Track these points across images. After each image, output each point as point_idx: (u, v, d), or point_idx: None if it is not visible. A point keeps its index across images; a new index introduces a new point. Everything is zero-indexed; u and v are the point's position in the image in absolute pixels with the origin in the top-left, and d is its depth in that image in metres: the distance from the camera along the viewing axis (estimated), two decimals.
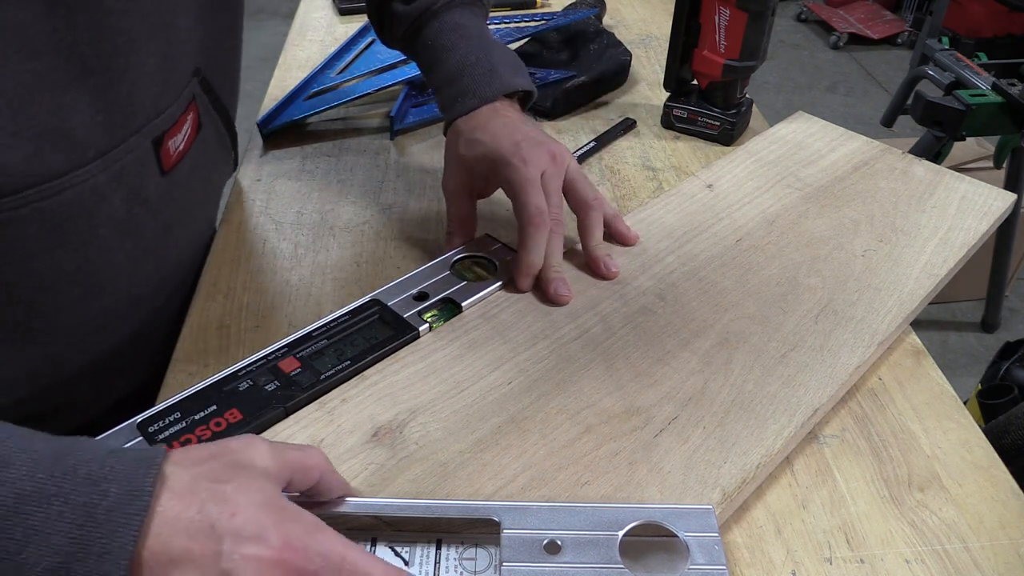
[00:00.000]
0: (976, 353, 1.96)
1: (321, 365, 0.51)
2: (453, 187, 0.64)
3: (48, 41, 0.43)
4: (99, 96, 0.47)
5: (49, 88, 0.44)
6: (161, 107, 0.52)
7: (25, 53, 0.42)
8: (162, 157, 0.54)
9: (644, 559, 0.42)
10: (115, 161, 0.50)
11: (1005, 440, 0.83)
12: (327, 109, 0.84)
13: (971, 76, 1.60)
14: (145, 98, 0.50)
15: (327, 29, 1.07)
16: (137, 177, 0.52)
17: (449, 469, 0.45)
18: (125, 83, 0.48)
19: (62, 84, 0.45)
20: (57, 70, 0.44)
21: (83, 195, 0.48)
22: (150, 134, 0.52)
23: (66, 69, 0.44)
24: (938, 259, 0.63)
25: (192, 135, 0.57)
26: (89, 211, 0.49)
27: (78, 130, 0.47)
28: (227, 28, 0.60)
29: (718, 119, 0.83)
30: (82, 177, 0.48)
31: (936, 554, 0.45)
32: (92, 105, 0.47)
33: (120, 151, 0.50)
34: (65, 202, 0.47)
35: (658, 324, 0.56)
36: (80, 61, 0.45)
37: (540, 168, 0.59)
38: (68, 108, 0.45)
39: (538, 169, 0.59)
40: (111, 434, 0.46)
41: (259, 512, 0.34)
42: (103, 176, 0.49)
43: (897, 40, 3.59)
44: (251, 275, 0.64)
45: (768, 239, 0.65)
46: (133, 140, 0.50)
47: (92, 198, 0.49)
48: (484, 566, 0.42)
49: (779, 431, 0.48)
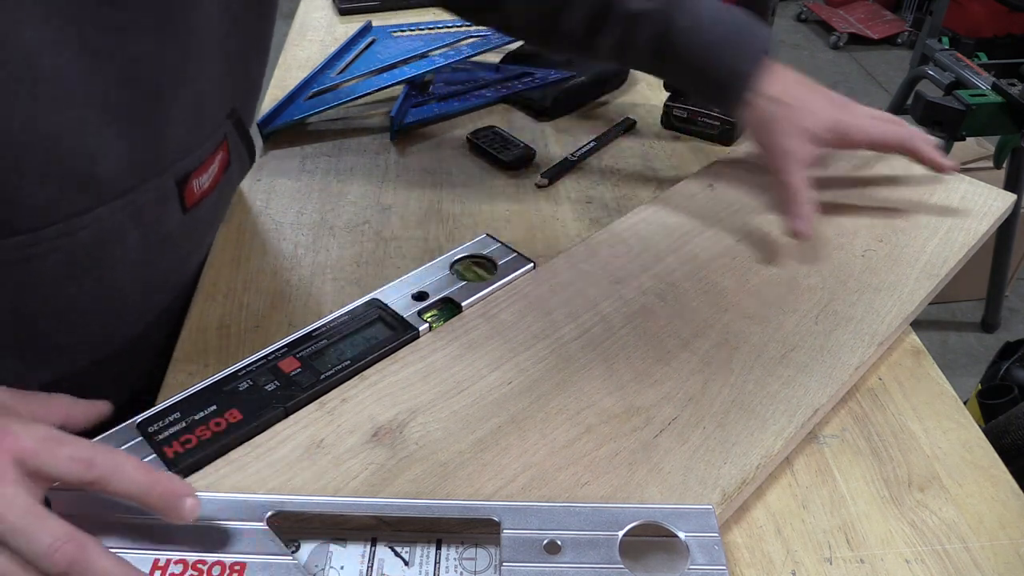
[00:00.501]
0: (976, 353, 1.96)
1: (321, 365, 0.51)
2: (799, 157, 0.63)
3: (79, 88, 0.44)
4: (127, 140, 0.47)
5: (80, 134, 0.45)
6: (190, 148, 0.53)
7: (59, 102, 0.43)
8: (185, 196, 0.54)
9: (644, 559, 0.42)
10: (135, 201, 0.50)
11: (1005, 440, 0.83)
12: (327, 109, 0.84)
13: (971, 76, 1.61)
14: (174, 141, 0.51)
15: (327, 29, 1.07)
16: (157, 216, 0.53)
17: (449, 469, 0.45)
18: (154, 127, 0.49)
19: (92, 130, 0.45)
20: (88, 117, 0.45)
21: (101, 233, 0.49)
22: (175, 174, 0.52)
23: (97, 116, 0.45)
24: (938, 259, 0.63)
25: (219, 173, 0.58)
26: (106, 248, 0.50)
27: (104, 173, 0.47)
28: (259, 72, 0.61)
29: (718, 119, 0.83)
30: (102, 215, 0.48)
31: (936, 554, 0.45)
32: (120, 149, 0.47)
33: (141, 191, 0.50)
34: (84, 240, 0.48)
35: (658, 324, 0.56)
36: (111, 108, 0.46)
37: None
38: (96, 153, 0.46)
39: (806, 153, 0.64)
40: (111, 434, 0.46)
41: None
42: (122, 215, 0.50)
43: (897, 40, 3.59)
44: (251, 275, 0.64)
45: (768, 239, 0.65)
46: (156, 181, 0.51)
47: (111, 236, 0.50)
48: (484, 566, 0.42)
49: (779, 431, 0.48)
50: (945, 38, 1.92)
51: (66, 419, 0.44)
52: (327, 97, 0.86)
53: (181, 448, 0.45)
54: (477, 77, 0.94)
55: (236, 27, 0.54)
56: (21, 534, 0.35)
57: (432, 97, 0.89)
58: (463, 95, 0.90)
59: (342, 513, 0.42)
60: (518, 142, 0.81)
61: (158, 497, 0.38)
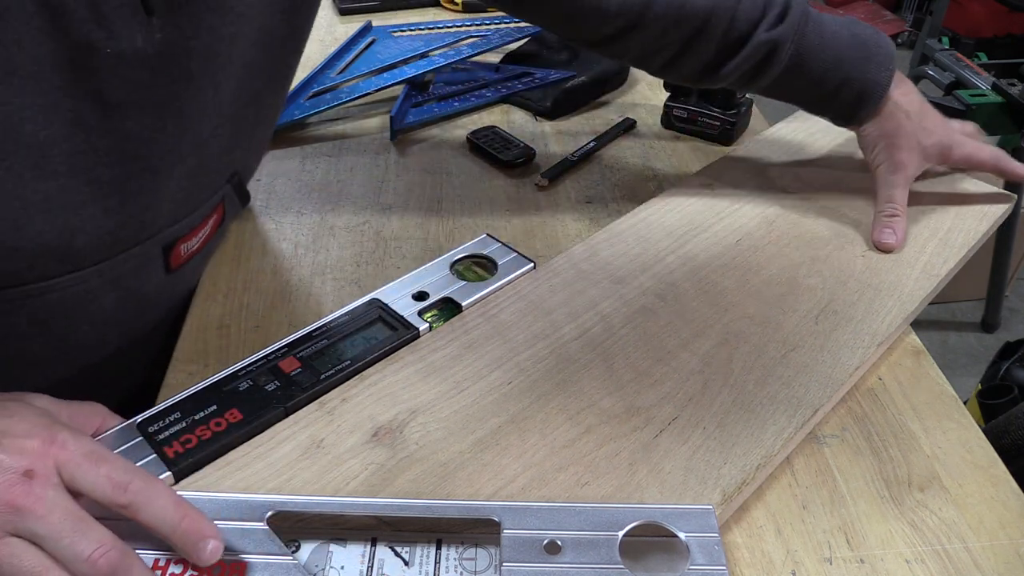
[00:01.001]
0: (976, 353, 1.96)
1: (321, 365, 0.51)
2: (909, 171, 0.66)
3: (65, 162, 0.42)
4: (112, 215, 0.46)
5: (60, 208, 0.43)
6: (180, 217, 0.51)
7: (40, 172, 0.41)
8: (171, 259, 0.53)
9: (644, 559, 0.42)
10: (115, 268, 0.49)
11: (1005, 440, 0.83)
12: (327, 109, 0.84)
13: (971, 76, 1.60)
14: (161, 213, 0.49)
15: (327, 29, 1.07)
16: (137, 279, 0.51)
17: (449, 469, 0.45)
18: (140, 203, 0.47)
19: (74, 205, 0.43)
20: (71, 191, 0.43)
21: (73, 296, 0.48)
22: (162, 241, 0.51)
23: (80, 191, 0.43)
24: (938, 259, 0.63)
25: (211, 234, 0.56)
26: (75, 311, 0.49)
27: (84, 246, 0.46)
28: (264, 135, 0.59)
29: (718, 119, 0.83)
30: (73, 281, 0.47)
31: (936, 554, 0.45)
32: (102, 223, 0.46)
33: (122, 259, 0.49)
34: (51, 302, 0.47)
35: (658, 324, 0.56)
36: (99, 183, 0.44)
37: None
38: (76, 228, 0.44)
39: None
40: (111, 434, 0.46)
41: None
42: (98, 280, 0.48)
43: (897, 40, 3.59)
44: (251, 275, 0.64)
45: (768, 239, 0.65)
46: (138, 248, 0.49)
47: (84, 298, 0.48)
48: (484, 566, 0.42)
49: (779, 432, 0.48)
50: (945, 38, 1.92)
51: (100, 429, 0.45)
52: (327, 97, 0.86)
53: (181, 448, 0.45)
54: (477, 77, 0.94)
55: (254, 101, 0.52)
56: (65, 536, 0.35)
57: (432, 97, 0.89)
58: (463, 95, 0.90)
59: (342, 513, 0.42)
60: (518, 142, 0.81)
61: (182, 534, 0.38)
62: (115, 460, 0.39)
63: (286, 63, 0.56)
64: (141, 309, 0.54)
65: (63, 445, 0.38)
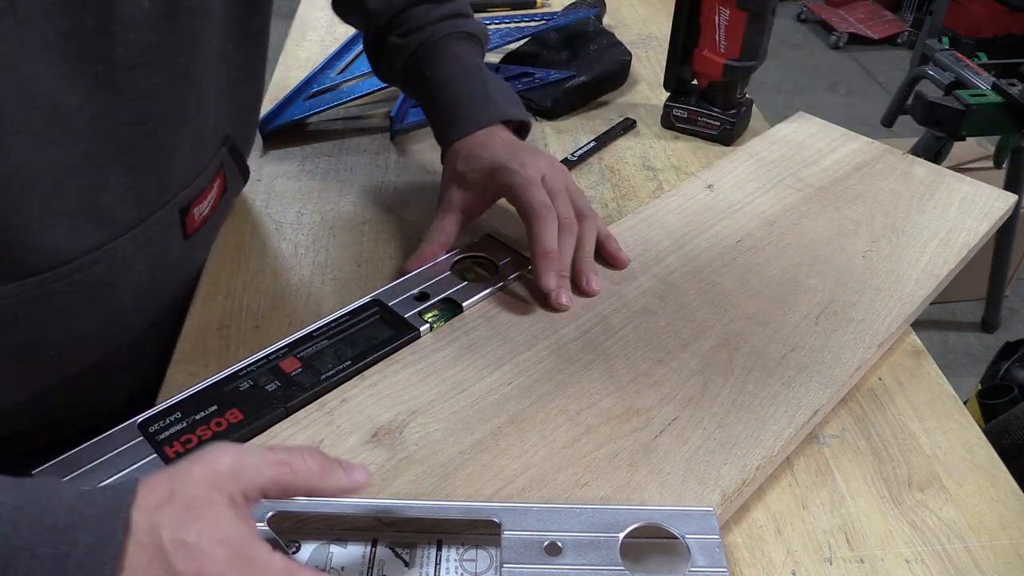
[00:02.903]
0: (976, 353, 1.96)
1: (321, 365, 0.51)
2: (447, 201, 0.63)
3: (91, 125, 0.44)
4: (134, 174, 0.48)
5: (88, 169, 0.46)
6: (191, 178, 0.54)
7: (69, 137, 0.44)
8: (187, 223, 0.56)
9: (645, 561, 0.42)
10: (144, 232, 0.51)
11: (1005, 440, 0.83)
12: (327, 109, 0.84)
13: (971, 76, 1.60)
14: (177, 173, 0.52)
15: (327, 29, 1.07)
16: (162, 245, 0.54)
17: (449, 470, 0.45)
18: (159, 161, 0.50)
19: (100, 165, 0.46)
20: (97, 152, 0.46)
21: (112, 266, 0.50)
22: (178, 205, 0.54)
23: (105, 151, 0.46)
24: (939, 260, 0.63)
25: (217, 200, 0.59)
26: (115, 280, 0.51)
27: (112, 206, 0.48)
28: (252, 95, 0.62)
29: (718, 119, 0.83)
30: (113, 250, 0.49)
31: (936, 554, 0.45)
32: (127, 183, 0.48)
33: (149, 223, 0.51)
34: (96, 273, 0.49)
35: (658, 325, 0.56)
36: (118, 144, 0.47)
37: (540, 171, 0.59)
38: (104, 187, 0.47)
39: (538, 172, 0.59)
40: (112, 434, 0.46)
41: (225, 566, 0.33)
42: (131, 247, 0.51)
43: (897, 40, 3.59)
44: (251, 275, 0.64)
45: (768, 240, 0.65)
46: (162, 212, 0.52)
47: (120, 268, 0.51)
48: (485, 567, 0.42)
49: (779, 432, 0.48)
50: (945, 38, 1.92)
51: None
52: (327, 97, 0.86)
53: (182, 448, 0.45)
54: None
55: (230, 58, 0.55)
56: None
57: None
58: None
59: (342, 513, 0.42)
60: None
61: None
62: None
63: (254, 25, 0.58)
64: (167, 277, 0.56)
65: None
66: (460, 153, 0.63)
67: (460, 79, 0.65)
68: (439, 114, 0.66)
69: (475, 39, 0.69)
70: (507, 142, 0.62)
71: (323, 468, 0.37)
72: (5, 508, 0.32)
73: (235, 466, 0.35)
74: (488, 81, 0.66)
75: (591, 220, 0.61)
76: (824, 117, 0.83)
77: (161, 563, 0.32)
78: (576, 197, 0.61)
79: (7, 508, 0.32)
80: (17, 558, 0.30)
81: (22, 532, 0.31)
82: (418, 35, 0.66)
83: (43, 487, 0.33)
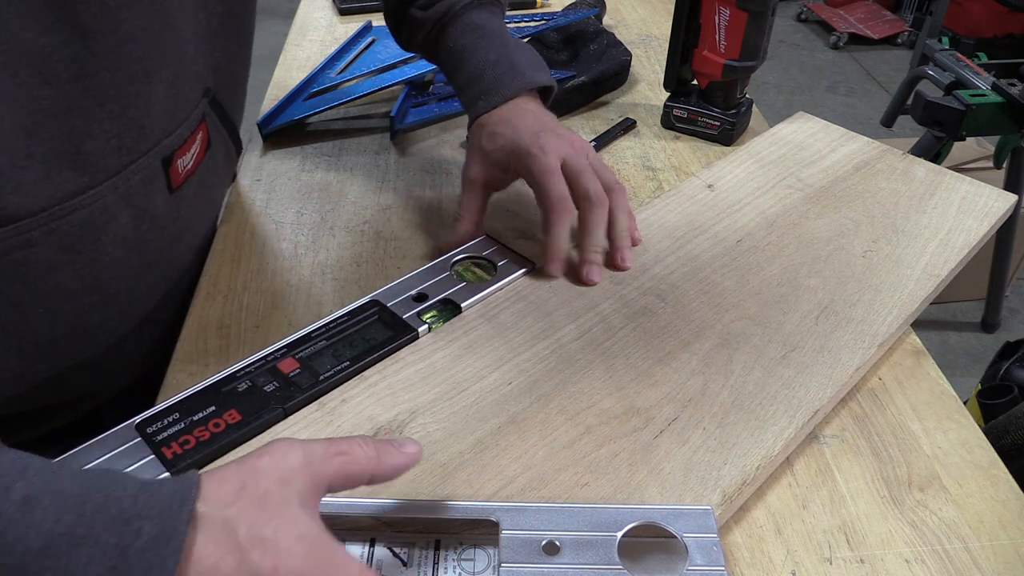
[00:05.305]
0: (976, 353, 1.96)
1: (319, 366, 0.51)
2: (472, 176, 0.64)
3: (67, 68, 0.43)
4: (114, 120, 0.48)
5: (65, 113, 0.45)
6: (172, 127, 0.53)
7: (43, 79, 0.43)
8: (171, 175, 0.54)
9: (643, 560, 0.42)
10: (125, 181, 0.50)
11: (1005, 440, 0.83)
12: (327, 109, 0.84)
13: (971, 76, 1.60)
14: (157, 120, 0.51)
15: (327, 29, 1.07)
16: (145, 196, 0.53)
17: (448, 470, 0.45)
18: (139, 107, 0.49)
19: (78, 109, 0.45)
20: (74, 96, 0.45)
21: (93, 215, 0.49)
22: (160, 154, 0.53)
23: (83, 95, 0.45)
24: (939, 260, 0.63)
25: (201, 154, 0.58)
26: (98, 230, 0.50)
27: (92, 153, 0.47)
28: (235, 50, 0.61)
29: (718, 119, 0.83)
30: (93, 198, 0.48)
31: (936, 554, 0.45)
32: (106, 129, 0.47)
33: (130, 171, 0.50)
34: (76, 222, 0.48)
35: (658, 325, 0.56)
36: (97, 87, 0.45)
37: (560, 155, 0.60)
38: (83, 132, 0.46)
39: (558, 157, 0.59)
40: (110, 435, 0.46)
41: (302, 562, 0.33)
42: (113, 196, 0.50)
43: (897, 40, 3.59)
44: (251, 275, 0.64)
45: (768, 240, 0.65)
46: (143, 160, 0.51)
47: (102, 217, 0.50)
48: (483, 567, 0.42)
49: (779, 432, 0.48)
50: (945, 38, 1.92)
51: None
52: (327, 97, 0.86)
53: (180, 449, 0.45)
54: None
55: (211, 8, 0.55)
56: None
57: (432, 97, 0.89)
58: None
59: (341, 513, 0.42)
60: None
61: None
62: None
63: None
64: (153, 234, 0.55)
65: None
66: (485, 128, 0.63)
67: (483, 49, 0.65)
68: (465, 86, 0.66)
69: (495, 4, 0.69)
70: (530, 119, 0.63)
71: (379, 452, 0.37)
72: (71, 494, 0.31)
73: (304, 461, 0.35)
74: (511, 47, 0.66)
75: (619, 193, 0.61)
76: (824, 117, 0.83)
77: (235, 557, 0.32)
78: (602, 171, 0.61)
79: (73, 495, 0.31)
80: (80, 545, 0.30)
81: (87, 519, 0.31)
82: (438, 6, 0.67)
83: (108, 475, 0.33)
